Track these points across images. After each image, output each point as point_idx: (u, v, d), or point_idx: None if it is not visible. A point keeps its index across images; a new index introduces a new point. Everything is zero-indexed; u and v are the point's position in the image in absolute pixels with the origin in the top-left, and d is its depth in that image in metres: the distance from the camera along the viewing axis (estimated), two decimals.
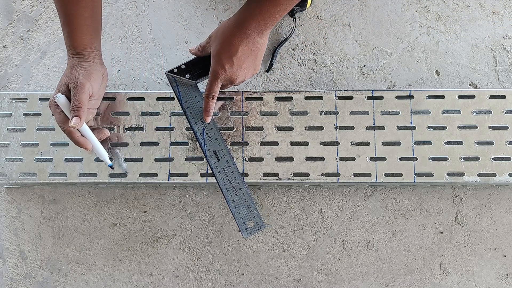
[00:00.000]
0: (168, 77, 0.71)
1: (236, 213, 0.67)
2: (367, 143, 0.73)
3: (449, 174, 0.72)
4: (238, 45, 0.63)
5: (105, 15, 0.86)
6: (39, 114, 0.76)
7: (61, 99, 0.64)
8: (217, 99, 0.70)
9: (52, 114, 0.67)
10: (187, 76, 0.71)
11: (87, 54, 0.68)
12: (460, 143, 0.73)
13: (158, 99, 0.75)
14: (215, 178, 0.69)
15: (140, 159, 0.74)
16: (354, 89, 0.79)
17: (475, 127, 0.73)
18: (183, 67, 0.71)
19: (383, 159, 0.73)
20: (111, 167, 0.72)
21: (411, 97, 0.74)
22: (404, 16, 0.85)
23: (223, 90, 0.74)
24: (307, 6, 0.82)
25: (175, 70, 0.71)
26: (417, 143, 0.73)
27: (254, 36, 0.64)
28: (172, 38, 0.85)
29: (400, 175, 0.72)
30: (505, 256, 0.77)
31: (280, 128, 0.74)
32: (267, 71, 0.83)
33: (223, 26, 0.66)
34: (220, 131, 0.74)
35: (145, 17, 0.86)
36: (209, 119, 0.70)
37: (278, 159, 0.73)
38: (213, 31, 0.68)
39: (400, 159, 0.73)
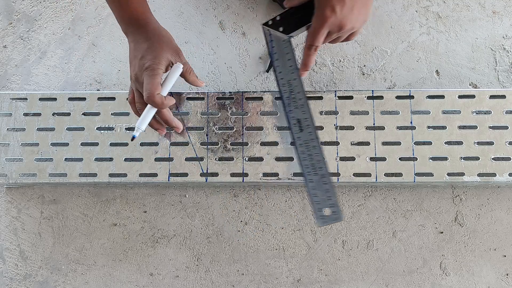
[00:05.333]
0: (263, 31, 0.63)
1: (313, 196, 0.57)
2: (367, 143, 0.73)
3: (449, 174, 0.72)
4: None
5: (105, 15, 0.86)
6: (39, 114, 0.76)
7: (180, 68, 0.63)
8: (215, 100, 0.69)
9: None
10: (280, 29, 0.62)
11: (152, 21, 0.64)
12: (460, 143, 0.73)
13: None
14: (296, 151, 0.60)
15: (140, 159, 0.74)
16: (354, 89, 0.79)
17: (475, 127, 0.73)
18: (278, 18, 0.62)
19: (383, 159, 0.73)
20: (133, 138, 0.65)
21: (411, 97, 0.74)
22: (404, 16, 0.85)
23: (329, 43, 0.62)
24: None
25: (270, 22, 0.62)
26: (417, 143, 0.73)
27: None
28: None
29: (400, 175, 0.72)
30: (505, 256, 0.77)
31: (280, 128, 0.74)
32: (267, 71, 0.83)
33: None
34: (220, 131, 0.74)
35: None
36: (306, 74, 0.62)
37: (278, 159, 0.73)
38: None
39: (400, 159, 0.73)
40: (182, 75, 0.65)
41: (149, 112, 0.63)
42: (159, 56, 0.61)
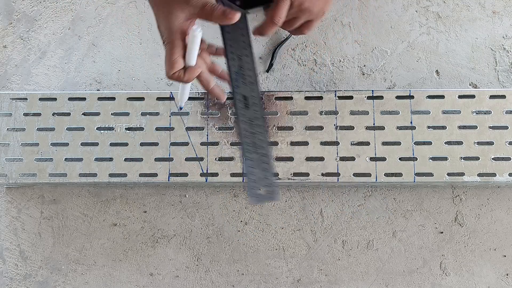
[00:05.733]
0: (216, 0, 0.59)
1: (250, 173, 0.57)
2: (367, 143, 0.73)
3: (449, 174, 0.72)
4: None
5: (105, 15, 0.86)
6: (39, 114, 0.76)
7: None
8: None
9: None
10: (237, 3, 0.60)
11: None
12: (460, 143, 0.73)
13: (158, 99, 0.75)
14: (238, 128, 0.59)
15: (140, 159, 0.74)
16: (354, 89, 0.79)
17: (475, 127, 0.73)
18: None
19: (383, 159, 0.73)
20: (181, 108, 0.65)
21: (411, 97, 0.74)
22: (404, 16, 0.85)
23: (285, 30, 0.61)
24: None
25: None
26: (417, 143, 0.73)
27: None
28: None
29: (400, 175, 0.72)
30: (505, 256, 0.77)
31: (280, 128, 0.74)
32: (267, 71, 0.83)
33: None
34: (220, 131, 0.74)
35: (145, 17, 0.86)
36: (256, 36, 0.57)
37: (278, 159, 0.73)
38: None
39: (400, 159, 0.73)
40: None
41: (184, 86, 0.60)
42: (170, 27, 0.56)
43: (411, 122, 0.74)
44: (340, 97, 0.75)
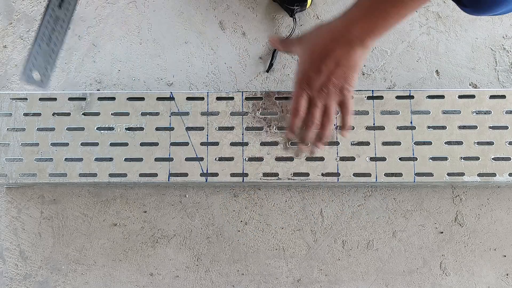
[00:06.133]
0: None
1: (33, 57, 0.59)
2: (367, 143, 0.73)
3: (449, 174, 0.72)
4: (333, 51, 0.55)
5: (105, 15, 0.86)
6: (39, 114, 0.76)
7: None
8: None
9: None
10: None
11: None
12: (460, 143, 0.73)
13: (158, 99, 0.75)
14: (43, 17, 0.60)
15: (140, 159, 0.74)
16: (354, 89, 0.79)
17: (475, 127, 0.73)
18: None
19: (383, 159, 0.73)
20: None
21: (411, 97, 0.74)
22: None
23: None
24: (307, 6, 0.82)
25: None
26: (417, 143, 0.73)
27: (354, 44, 0.55)
28: (172, 38, 0.85)
29: (400, 175, 0.72)
30: (505, 256, 0.77)
31: (280, 128, 0.74)
32: (267, 71, 0.83)
33: (323, 26, 0.58)
34: (220, 131, 0.74)
35: (145, 17, 0.86)
36: (292, 136, 0.63)
37: (278, 159, 0.73)
38: (306, 32, 0.60)
39: (400, 159, 0.72)
40: None
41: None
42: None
43: (411, 122, 0.74)
44: None
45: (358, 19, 0.54)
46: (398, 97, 0.74)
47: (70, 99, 0.76)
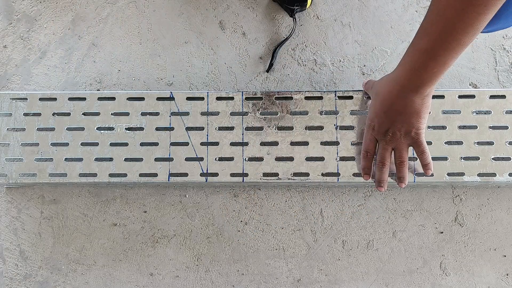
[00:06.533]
0: None
1: None
2: None
3: (449, 174, 0.72)
4: (390, 100, 0.63)
5: (105, 15, 0.86)
6: (39, 114, 0.76)
7: None
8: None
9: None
10: None
11: None
12: (460, 143, 0.73)
13: (158, 99, 0.75)
14: None
15: (140, 159, 0.74)
16: (354, 89, 0.79)
17: (475, 127, 0.73)
18: None
19: None
20: None
21: None
22: (404, 16, 0.85)
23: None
24: (307, 6, 0.83)
25: None
26: None
27: (408, 93, 0.60)
28: (172, 38, 0.85)
29: None
30: (505, 256, 0.77)
31: (280, 128, 0.74)
32: (267, 71, 0.83)
33: (385, 77, 0.66)
34: (220, 131, 0.74)
35: (145, 17, 0.86)
36: (367, 178, 0.70)
37: (278, 159, 0.73)
38: (377, 81, 0.69)
39: None
40: None
41: None
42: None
43: None
44: (340, 97, 0.75)
45: (409, 72, 0.59)
46: None
47: (70, 99, 0.76)
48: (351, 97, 0.75)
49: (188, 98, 0.75)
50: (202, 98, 0.75)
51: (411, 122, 0.64)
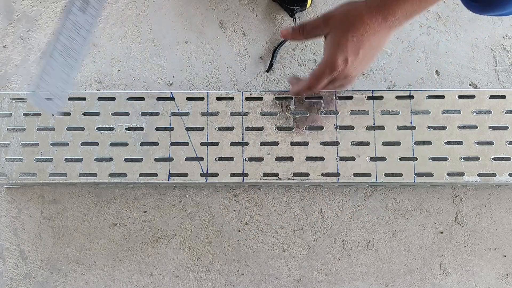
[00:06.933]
0: None
1: (46, 74, 0.52)
2: (367, 143, 0.73)
3: (449, 174, 0.72)
4: (372, 34, 0.53)
5: (105, 15, 0.86)
6: (39, 114, 0.76)
7: None
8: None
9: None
10: None
11: None
12: (460, 143, 0.73)
13: (158, 99, 0.75)
14: (59, 26, 0.53)
15: (140, 159, 0.74)
16: (354, 89, 0.79)
17: (475, 127, 0.73)
18: None
19: (383, 159, 0.73)
20: None
21: (411, 97, 0.74)
22: None
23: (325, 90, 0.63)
24: (307, 6, 0.82)
25: None
26: (417, 143, 0.73)
27: (392, 25, 0.53)
28: (172, 38, 0.85)
29: (400, 175, 0.72)
30: (505, 256, 0.77)
31: (280, 128, 0.74)
32: (267, 71, 0.83)
33: (355, 6, 0.53)
34: (220, 131, 0.74)
35: (145, 17, 0.86)
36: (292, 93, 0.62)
37: (278, 159, 0.73)
38: (333, 11, 0.55)
39: (400, 159, 0.72)
40: None
41: None
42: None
43: (411, 122, 0.73)
44: (340, 97, 0.75)
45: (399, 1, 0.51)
46: (398, 97, 0.74)
47: (70, 99, 0.76)
48: (351, 97, 0.75)
49: (188, 98, 0.75)
50: (202, 98, 0.75)
51: (374, 60, 0.57)
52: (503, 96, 0.74)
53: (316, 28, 0.58)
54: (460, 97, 0.74)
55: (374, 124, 0.74)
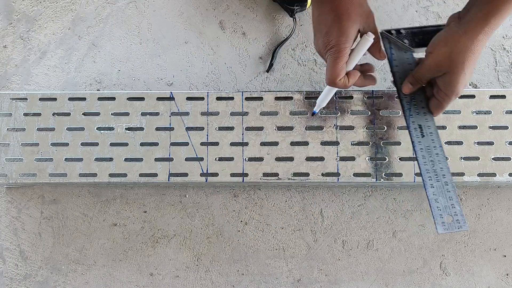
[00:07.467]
0: (382, 35, 0.65)
1: (434, 201, 0.59)
2: (367, 143, 0.73)
3: None
4: (473, 56, 0.56)
5: (105, 15, 0.86)
6: (39, 114, 0.76)
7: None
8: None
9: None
10: (405, 41, 0.65)
11: None
12: (460, 143, 0.73)
13: (158, 99, 0.75)
14: (415, 155, 0.62)
15: (140, 159, 0.74)
16: (354, 89, 0.79)
17: (475, 127, 0.73)
18: (402, 32, 0.65)
19: (383, 159, 0.73)
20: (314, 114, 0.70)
21: None
22: (404, 16, 0.85)
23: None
24: (307, 6, 0.82)
25: (393, 32, 0.65)
26: None
27: (484, 42, 0.56)
28: (172, 38, 0.85)
29: (400, 175, 0.72)
30: (505, 256, 0.77)
31: (280, 128, 0.74)
32: (267, 71, 0.83)
33: (455, 43, 0.57)
34: (220, 131, 0.74)
35: (145, 17, 0.86)
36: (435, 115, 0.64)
37: (278, 159, 0.73)
38: (436, 54, 0.59)
39: (400, 159, 0.72)
40: (369, 47, 0.61)
41: (330, 92, 0.65)
42: (346, 32, 0.56)
43: None
44: (340, 97, 0.75)
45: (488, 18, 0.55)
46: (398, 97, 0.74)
47: (70, 99, 0.76)
48: (351, 97, 0.75)
49: (188, 98, 0.75)
50: (202, 98, 0.75)
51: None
52: (503, 96, 0.74)
53: (427, 75, 0.62)
54: (460, 97, 0.74)
55: (374, 124, 0.74)
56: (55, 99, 0.76)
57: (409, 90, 0.64)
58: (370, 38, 0.59)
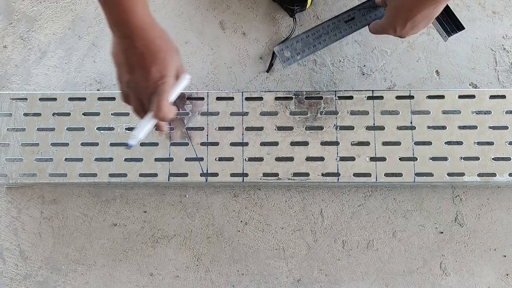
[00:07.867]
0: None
1: (296, 40, 0.73)
2: (367, 143, 0.73)
3: (449, 174, 0.72)
4: (421, 9, 0.60)
5: None
6: (39, 114, 0.76)
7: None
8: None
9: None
10: None
11: (155, 22, 0.59)
12: (460, 143, 0.73)
13: None
14: (325, 22, 0.73)
15: (140, 159, 0.74)
16: (354, 89, 0.79)
17: (475, 127, 0.73)
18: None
19: (383, 159, 0.73)
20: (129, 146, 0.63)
21: (411, 97, 0.74)
22: None
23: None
24: (307, 6, 0.82)
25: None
26: (417, 143, 0.73)
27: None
28: (172, 38, 0.85)
29: (400, 175, 0.72)
30: (505, 256, 0.77)
31: (280, 128, 0.74)
32: (267, 71, 0.83)
33: None
34: (220, 131, 0.74)
35: None
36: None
37: (278, 159, 0.73)
38: None
39: (400, 159, 0.73)
40: None
41: (151, 122, 0.60)
42: (169, 66, 0.58)
43: (411, 122, 0.74)
44: (340, 97, 0.75)
45: None
46: (398, 97, 0.74)
47: (70, 99, 0.76)
48: (351, 97, 0.75)
49: (188, 98, 0.75)
50: (202, 98, 0.75)
51: (425, 27, 0.66)
52: (503, 96, 0.74)
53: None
54: (460, 97, 0.74)
55: (374, 124, 0.74)
56: (55, 99, 0.76)
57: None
58: (187, 79, 0.64)
